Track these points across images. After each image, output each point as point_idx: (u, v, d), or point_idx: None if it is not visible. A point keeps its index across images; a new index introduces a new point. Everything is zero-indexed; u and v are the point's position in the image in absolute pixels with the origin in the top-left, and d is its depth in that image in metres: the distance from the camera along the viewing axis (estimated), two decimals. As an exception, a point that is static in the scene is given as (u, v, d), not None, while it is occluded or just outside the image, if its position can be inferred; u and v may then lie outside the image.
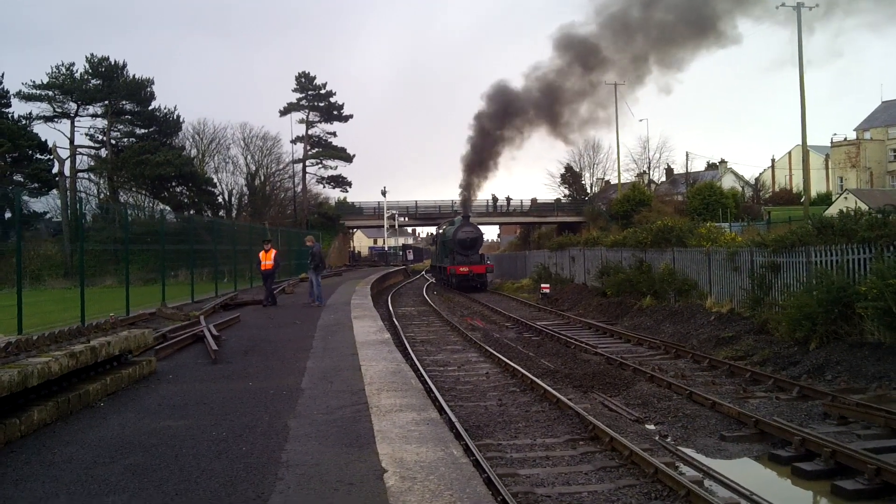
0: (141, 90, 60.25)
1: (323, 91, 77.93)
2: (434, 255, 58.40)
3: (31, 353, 8.65)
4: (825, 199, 64.66)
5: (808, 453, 9.35)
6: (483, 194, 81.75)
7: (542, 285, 36.18)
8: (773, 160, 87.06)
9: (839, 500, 8.21)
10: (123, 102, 59.89)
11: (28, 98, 57.72)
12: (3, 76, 59.65)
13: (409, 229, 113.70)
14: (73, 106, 59.03)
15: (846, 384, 13.09)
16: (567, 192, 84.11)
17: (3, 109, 59.04)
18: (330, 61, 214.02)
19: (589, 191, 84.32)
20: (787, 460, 9.38)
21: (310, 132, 78.89)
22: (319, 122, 79.64)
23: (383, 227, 74.37)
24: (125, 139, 61.86)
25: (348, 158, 79.76)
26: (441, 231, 51.87)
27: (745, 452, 10.07)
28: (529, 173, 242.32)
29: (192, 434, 7.59)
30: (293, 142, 77.13)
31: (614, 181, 75.80)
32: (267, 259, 23.08)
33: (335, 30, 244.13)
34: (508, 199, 76.15)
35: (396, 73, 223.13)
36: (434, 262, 57.52)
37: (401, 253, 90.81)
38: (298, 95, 77.72)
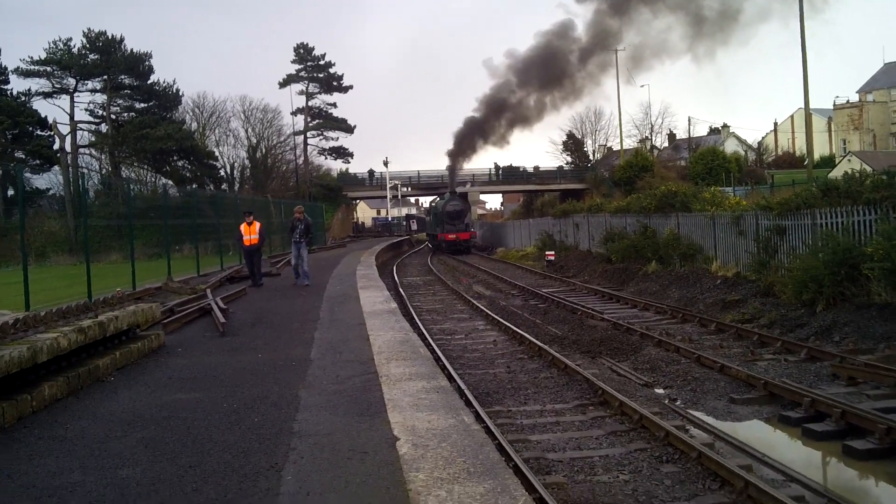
0: (139, 64, 59.80)
1: (322, 62, 77.43)
2: (428, 224, 64.51)
3: (40, 330, 8.66)
4: (828, 162, 64.47)
5: (818, 414, 9.36)
6: (486, 162, 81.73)
7: (547, 252, 36.14)
8: (775, 124, 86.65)
9: (850, 460, 8.24)
10: (122, 77, 59.44)
11: (27, 74, 57.37)
12: (0, 52, 59.28)
13: (412, 199, 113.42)
14: (72, 81, 58.63)
15: (854, 345, 13.09)
16: (569, 159, 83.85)
17: (2, 86, 58.77)
18: (329, 31, 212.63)
19: (591, 158, 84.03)
20: (798, 422, 9.39)
21: (310, 104, 78.52)
22: (319, 93, 79.23)
23: (386, 197, 74.23)
24: (125, 114, 61.42)
25: (349, 129, 79.49)
26: (433, 204, 60.48)
27: (755, 415, 10.10)
28: (531, 141, 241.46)
29: (204, 406, 7.60)
30: (293, 113, 76.70)
31: (616, 148, 75.59)
32: (251, 233, 20.57)
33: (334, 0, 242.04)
34: (511, 167, 75.92)
35: (396, 42, 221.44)
36: (428, 231, 63.95)
37: (404, 223, 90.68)
38: (297, 67, 77.25)
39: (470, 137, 54.18)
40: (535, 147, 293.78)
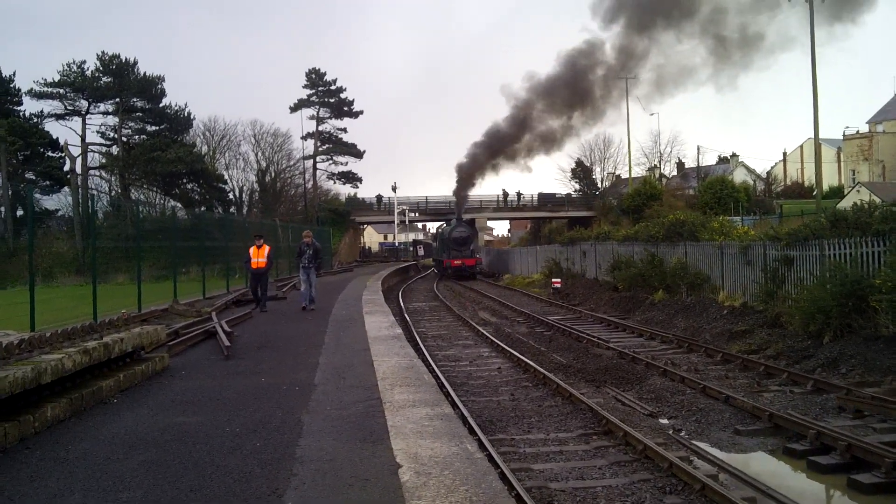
0: (152, 87, 60.27)
1: (333, 87, 78.03)
2: (435, 250, 65.52)
3: (45, 350, 8.66)
4: (837, 193, 64.28)
5: (824, 447, 9.30)
6: (494, 189, 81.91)
7: (553, 280, 36.13)
8: (784, 154, 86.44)
9: (856, 494, 8.17)
10: (134, 100, 59.90)
11: (39, 96, 57.90)
12: (14, 74, 59.78)
13: (420, 225, 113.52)
14: (85, 104, 59.12)
15: (861, 377, 13.02)
16: (578, 186, 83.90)
17: (14, 107, 59.24)
18: (340, 56, 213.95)
19: (600, 185, 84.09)
20: (803, 454, 9.33)
21: (320, 128, 79.03)
22: (330, 118, 79.79)
23: (394, 222, 74.34)
24: (136, 136, 61.88)
25: (359, 154, 79.93)
26: (440, 230, 61.83)
27: (760, 446, 10.03)
28: (540, 168, 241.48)
29: (206, 430, 7.59)
30: (304, 138, 77.26)
31: (625, 175, 75.61)
32: (259, 256, 20.42)
33: (346, 25, 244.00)
34: (519, 194, 76.04)
35: (407, 68, 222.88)
36: (435, 256, 64.76)
37: (411, 248, 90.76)
38: (309, 92, 77.86)
39: (486, 159, 54.34)
40: (544, 174, 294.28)
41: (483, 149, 53.65)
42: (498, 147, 52.77)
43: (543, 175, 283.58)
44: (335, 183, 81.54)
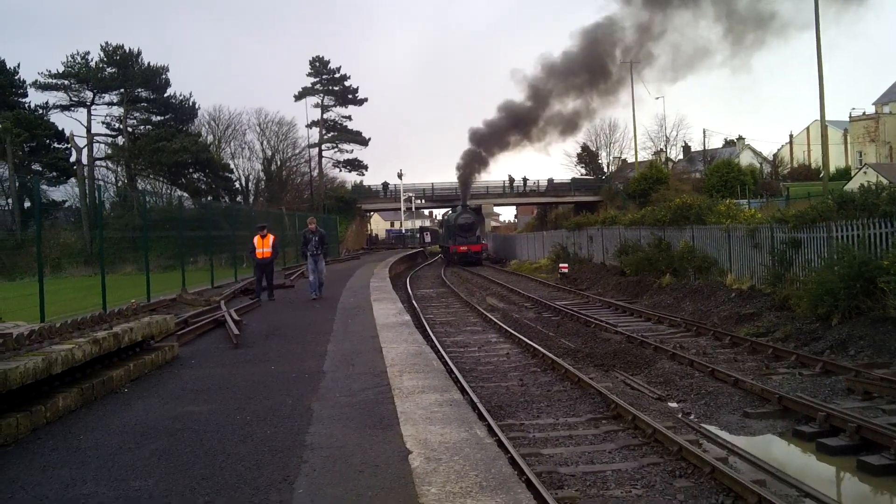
0: (156, 77, 60.24)
1: (337, 75, 77.96)
2: (441, 236, 65.98)
3: (55, 341, 8.70)
4: (844, 175, 64.02)
5: (833, 429, 9.30)
6: (499, 175, 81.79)
7: (561, 265, 36.09)
8: (790, 136, 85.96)
9: (865, 475, 8.17)
10: (139, 90, 59.90)
11: (44, 87, 57.88)
12: (19, 66, 59.80)
13: (426, 212, 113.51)
14: (89, 94, 59.10)
15: (869, 359, 13.00)
16: (584, 171, 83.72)
17: (20, 99, 59.27)
18: (344, 44, 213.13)
19: (606, 170, 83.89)
20: (812, 436, 9.34)
21: (325, 116, 78.99)
22: (334, 106, 79.75)
23: (400, 209, 74.30)
24: (141, 127, 61.88)
25: (364, 142, 79.86)
26: (446, 217, 62.71)
27: (769, 429, 10.03)
28: (545, 153, 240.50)
29: (216, 418, 7.62)
30: (309, 126, 77.23)
31: (631, 160, 75.47)
32: (264, 245, 20.27)
33: (349, 12, 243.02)
34: (525, 180, 75.92)
35: (412, 55, 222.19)
36: (441, 243, 65.09)
37: (418, 235, 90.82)
38: (313, 80, 77.79)
39: (492, 143, 54.27)
40: (550, 159, 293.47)
41: (501, 123, 53.35)
42: (512, 126, 52.49)
43: (550, 160, 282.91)
44: (341, 171, 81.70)
